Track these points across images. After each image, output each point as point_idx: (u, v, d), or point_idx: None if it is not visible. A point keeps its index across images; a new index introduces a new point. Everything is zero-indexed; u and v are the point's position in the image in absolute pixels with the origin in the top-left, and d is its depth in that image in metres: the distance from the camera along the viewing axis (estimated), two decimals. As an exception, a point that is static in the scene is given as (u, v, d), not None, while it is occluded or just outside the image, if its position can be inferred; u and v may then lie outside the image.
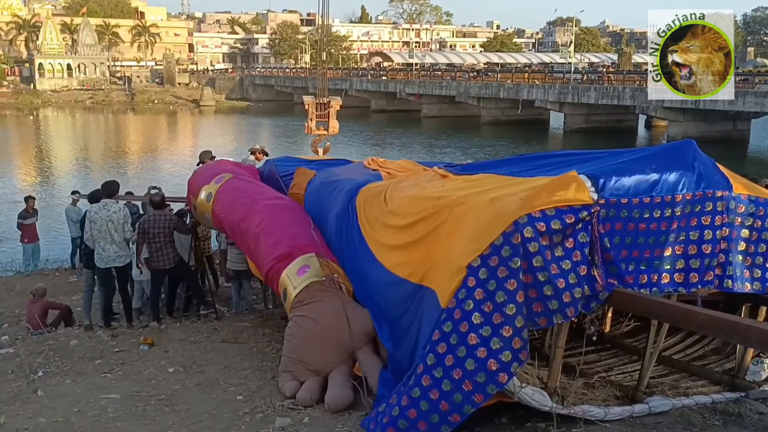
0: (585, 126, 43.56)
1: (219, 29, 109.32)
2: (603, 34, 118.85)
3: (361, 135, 44.37)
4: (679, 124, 37.23)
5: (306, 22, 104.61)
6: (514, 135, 43.20)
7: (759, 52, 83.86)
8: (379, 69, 73.87)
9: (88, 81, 73.23)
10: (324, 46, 13.06)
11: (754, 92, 33.52)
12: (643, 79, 42.36)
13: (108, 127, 54.78)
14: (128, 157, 36.19)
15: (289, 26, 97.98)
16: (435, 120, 54.09)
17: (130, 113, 63.44)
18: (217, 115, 63.45)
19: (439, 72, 63.16)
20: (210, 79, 78.71)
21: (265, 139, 41.77)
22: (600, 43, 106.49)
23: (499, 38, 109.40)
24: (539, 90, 45.85)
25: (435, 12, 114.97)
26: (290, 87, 72.11)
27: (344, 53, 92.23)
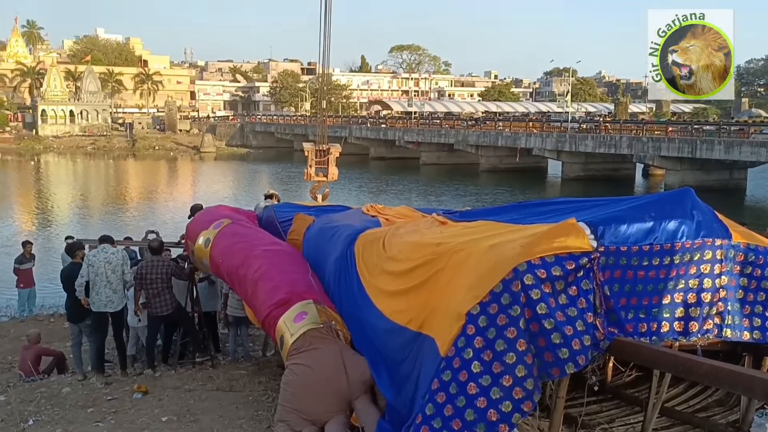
0: (583, 174, 43.89)
1: (221, 77, 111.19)
2: (599, 84, 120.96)
3: (360, 181, 44.63)
4: (677, 173, 37.55)
5: (307, 71, 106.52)
6: (512, 183, 43.47)
7: (753, 102, 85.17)
8: (378, 117, 74.89)
9: (90, 127, 74.12)
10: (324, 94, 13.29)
11: (750, 142, 33.91)
12: (639, 129, 43.00)
13: (108, 173, 55.12)
14: (127, 203, 36.31)
15: (290, 75, 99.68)
16: (434, 167, 54.52)
17: (130, 159, 63.96)
18: (217, 162, 63.95)
19: (438, 120, 64.00)
20: (211, 126, 79.64)
21: (265, 185, 41.97)
22: (596, 93, 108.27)
23: (497, 87, 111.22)
24: (537, 138, 46.37)
25: (434, 62, 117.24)
26: (290, 134, 72.89)
27: (344, 101, 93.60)
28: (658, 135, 39.88)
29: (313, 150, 10.08)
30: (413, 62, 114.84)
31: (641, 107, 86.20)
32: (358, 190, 40.41)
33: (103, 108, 77.38)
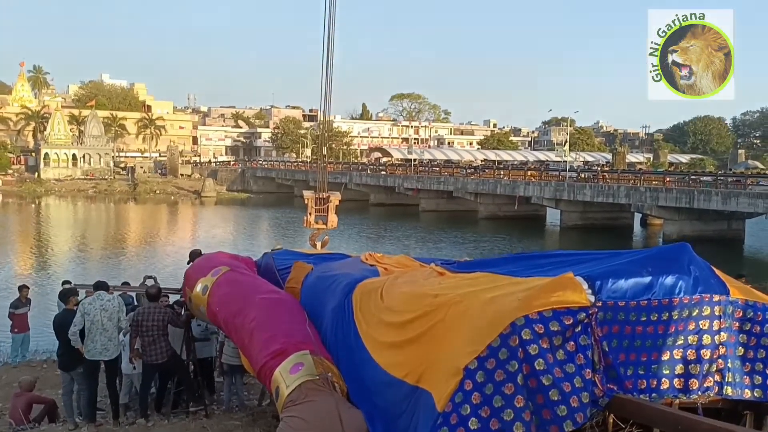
0: (581, 223, 43.98)
1: (223, 123, 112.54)
2: (597, 133, 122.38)
3: (359, 227, 44.70)
4: (675, 223, 37.65)
5: (308, 117, 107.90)
6: (510, 230, 43.53)
7: (750, 154, 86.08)
8: (378, 164, 75.50)
9: (92, 171, 74.64)
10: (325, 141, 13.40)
11: (747, 193, 34.10)
12: (637, 179, 43.30)
13: (108, 216, 55.25)
14: (126, 247, 36.27)
15: (292, 121, 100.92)
16: (433, 214, 54.68)
17: (131, 203, 64.18)
18: (218, 206, 64.17)
19: (437, 168, 64.48)
20: (212, 171, 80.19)
21: (264, 231, 42.05)
22: (594, 142, 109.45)
23: (496, 136, 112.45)
24: (535, 187, 46.65)
25: (433, 110, 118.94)
26: (291, 180, 73.32)
27: (345, 148, 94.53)
28: (655, 185, 40.14)
29: (313, 198, 10.14)
30: (413, 110, 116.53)
31: (639, 157, 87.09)
32: (358, 236, 40.44)
33: (106, 152, 78.09)
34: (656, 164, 73.52)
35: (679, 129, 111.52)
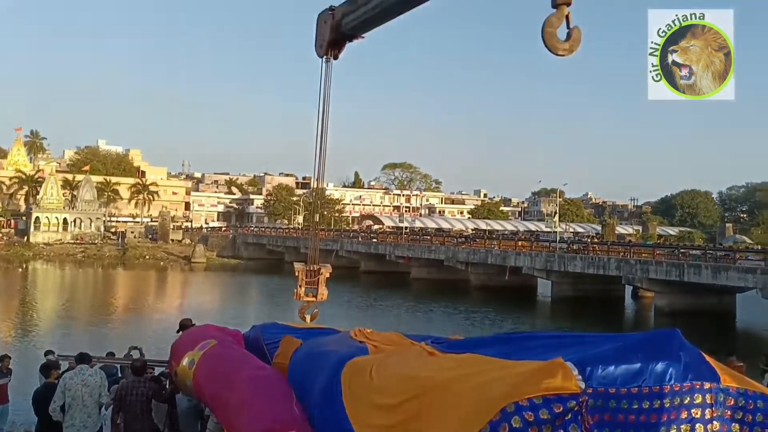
0: (572, 294, 43.89)
1: (216, 189, 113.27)
2: (586, 205, 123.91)
3: (350, 296, 44.36)
4: (666, 296, 37.66)
5: (301, 185, 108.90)
6: (502, 301, 43.33)
7: (737, 228, 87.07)
8: (369, 231, 75.75)
9: (83, 235, 74.42)
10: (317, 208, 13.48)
11: (737, 268, 34.30)
12: (627, 251, 43.57)
13: (95, 282, 54.67)
14: (112, 314, 35.70)
15: (285, 188, 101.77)
16: (424, 283, 54.49)
17: (119, 268, 63.67)
18: (207, 272, 63.74)
19: (428, 236, 64.73)
20: (203, 237, 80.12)
21: (254, 299, 41.64)
22: (584, 213, 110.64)
23: (487, 206, 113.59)
24: (526, 257, 46.77)
25: (425, 179, 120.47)
26: (281, 246, 73.29)
27: (337, 215, 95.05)
28: (645, 257, 40.35)
29: (304, 270, 10.11)
30: (405, 179, 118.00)
31: (628, 229, 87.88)
32: (348, 304, 40.08)
33: (97, 216, 78.11)
34: (645, 236, 74.12)
35: (666, 202, 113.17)
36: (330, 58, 7.11)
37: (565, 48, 3.54)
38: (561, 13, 3.52)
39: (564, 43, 3.53)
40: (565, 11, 3.52)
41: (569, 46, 3.56)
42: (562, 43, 3.53)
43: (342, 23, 6.21)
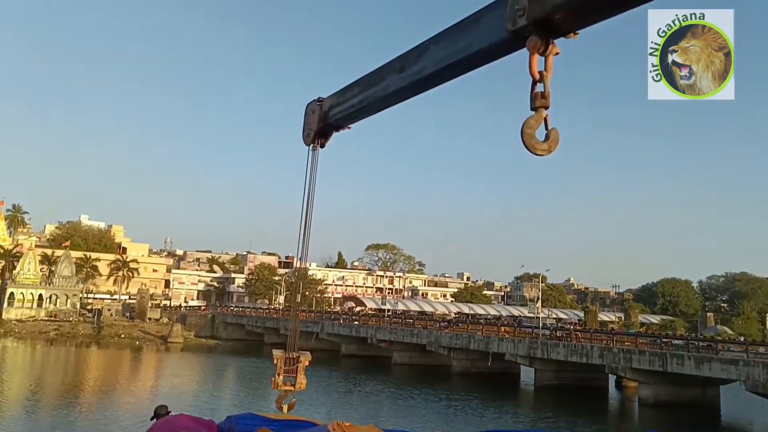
0: (556, 383, 43.17)
1: (198, 267, 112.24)
2: (568, 291, 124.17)
3: (329, 381, 43.24)
4: (650, 387, 37.19)
5: (284, 264, 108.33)
6: (484, 388, 42.47)
7: (718, 318, 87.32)
8: (351, 314, 74.86)
9: (57, 312, 72.69)
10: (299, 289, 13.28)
11: (719, 359, 34.07)
12: (610, 339, 43.28)
13: (67, 361, 52.90)
14: (81, 396, 34.28)
15: (267, 268, 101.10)
16: (405, 367, 53.43)
17: (93, 347, 61.86)
18: (184, 353, 62.07)
19: (411, 320, 64.04)
20: (182, 316, 78.62)
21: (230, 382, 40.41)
22: (566, 299, 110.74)
23: (470, 289, 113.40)
24: (509, 343, 46.24)
25: (408, 261, 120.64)
26: (261, 327, 72.02)
27: (319, 296, 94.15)
28: (628, 346, 40.06)
29: (283, 357, 9.84)
30: (388, 260, 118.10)
31: (610, 316, 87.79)
32: (327, 389, 39.00)
33: (74, 293, 76.61)
34: (628, 324, 73.94)
35: (647, 290, 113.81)
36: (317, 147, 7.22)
37: (544, 148, 3.62)
38: (539, 115, 3.62)
39: (542, 143, 3.62)
40: (544, 114, 3.62)
41: (548, 147, 3.64)
42: (540, 144, 3.61)
43: (329, 114, 6.33)
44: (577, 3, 3.32)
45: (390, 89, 4.88)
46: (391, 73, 4.85)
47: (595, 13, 3.45)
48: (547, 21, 3.42)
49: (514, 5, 3.48)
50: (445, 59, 4.23)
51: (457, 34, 4.10)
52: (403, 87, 4.75)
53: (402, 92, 4.86)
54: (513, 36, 3.57)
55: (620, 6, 3.40)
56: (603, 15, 3.45)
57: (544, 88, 3.52)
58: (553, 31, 3.47)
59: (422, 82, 4.59)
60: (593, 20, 3.47)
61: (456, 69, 4.29)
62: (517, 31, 3.52)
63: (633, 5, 3.36)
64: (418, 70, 4.51)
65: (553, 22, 3.41)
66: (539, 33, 3.47)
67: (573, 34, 3.52)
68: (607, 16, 3.45)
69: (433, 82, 4.61)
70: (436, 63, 4.32)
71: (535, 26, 3.45)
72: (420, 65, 4.49)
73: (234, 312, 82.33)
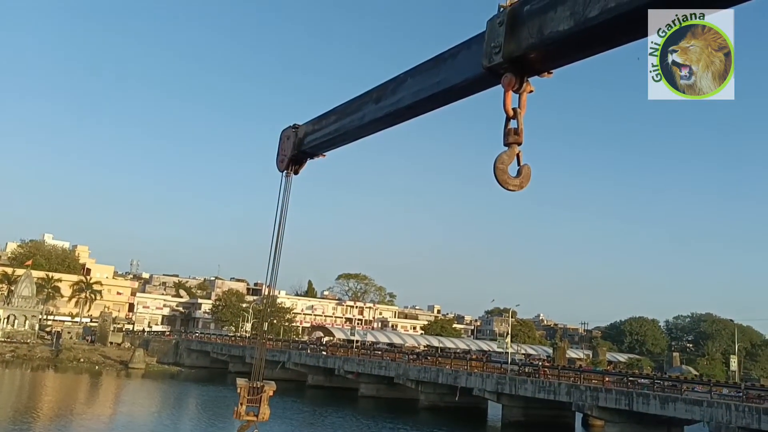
0: (523, 419, 43.00)
1: (164, 291, 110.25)
2: (538, 326, 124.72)
3: (293, 412, 42.44)
4: (616, 425, 37.29)
5: (252, 291, 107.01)
6: (451, 424, 42.13)
7: (684, 358, 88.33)
8: (320, 343, 73.99)
9: (15, 333, 70.47)
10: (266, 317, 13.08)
11: (684, 399, 34.32)
12: (577, 377, 43.37)
13: (22, 385, 51.14)
14: (32, 424, 32.93)
15: (235, 294, 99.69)
16: (372, 400, 52.75)
17: (50, 371, 59.98)
18: (145, 379, 60.50)
19: (380, 351, 63.48)
20: (144, 341, 76.86)
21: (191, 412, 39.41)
22: (535, 335, 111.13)
23: (440, 322, 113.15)
24: (477, 378, 46.01)
25: (379, 291, 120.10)
26: (226, 355, 70.72)
27: (287, 324, 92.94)
28: (595, 384, 40.19)
29: (246, 386, 9.62)
30: (359, 291, 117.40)
31: (579, 353, 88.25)
32: (291, 420, 38.27)
33: (33, 314, 74.46)
34: (595, 362, 74.35)
35: (616, 328, 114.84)
36: (290, 174, 7.18)
37: (516, 184, 3.64)
38: (512, 151, 3.65)
39: (515, 179, 3.63)
40: (516, 150, 3.65)
41: (519, 182, 3.66)
42: (512, 179, 3.62)
43: (304, 141, 6.31)
44: (551, 45, 3.38)
45: (366, 119, 4.89)
46: (368, 103, 4.87)
47: (567, 56, 3.52)
48: (522, 59, 3.47)
49: (491, 42, 3.52)
50: (421, 92, 4.26)
51: (434, 67, 4.14)
52: (380, 117, 4.77)
53: (378, 122, 4.87)
54: (488, 72, 3.61)
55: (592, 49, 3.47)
56: (575, 57, 3.53)
57: (518, 124, 3.56)
58: (527, 70, 3.53)
59: (399, 113, 4.61)
60: (566, 61, 3.54)
61: (432, 102, 4.32)
62: (493, 68, 3.56)
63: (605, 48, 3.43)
64: (394, 101, 4.53)
65: (528, 60, 3.47)
66: (514, 70, 3.52)
67: (547, 74, 3.58)
68: (580, 58, 3.52)
69: (409, 114, 4.63)
70: (412, 95, 4.34)
71: (510, 64, 3.50)
72: (397, 97, 4.51)
73: (199, 338, 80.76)
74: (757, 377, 70.11)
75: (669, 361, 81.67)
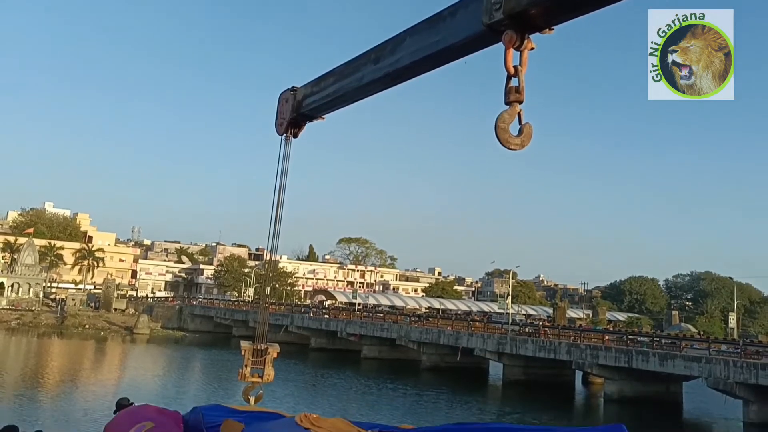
0: (523, 378, 43.63)
1: (166, 257, 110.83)
2: (538, 287, 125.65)
3: (297, 374, 43.10)
4: (615, 383, 37.86)
5: (254, 256, 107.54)
6: (453, 383, 42.75)
7: (683, 316, 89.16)
8: (322, 307, 74.72)
9: (19, 301, 71.11)
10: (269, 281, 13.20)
11: (683, 356, 34.83)
12: (577, 336, 43.91)
13: (29, 351, 51.82)
14: (42, 387, 33.57)
15: (236, 259, 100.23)
16: (375, 362, 53.49)
17: (56, 337, 60.71)
18: (150, 344, 61.29)
19: (381, 314, 64.14)
20: (148, 307, 77.60)
21: (197, 374, 40.00)
22: (536, 296, 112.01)
23: (441, 284, 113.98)
24: (478, 339, 46.61)
25: (380, 255, 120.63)
26: (230, 319, 71.45)
27: (289, 289, 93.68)
28: (595, 342, 40.71)
29: (250, 349, 9.75)
30: (360, 254, 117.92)
31: (579, 313, 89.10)
32: (296, 383, 38.88)
33: (37, 282, 75.04)
34: (595, 321, 75.16)
35: (615, 287, 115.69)
36: (290, 137, 7.14)
37: (517, 143, 3.63)
38: (513, 110, 3.63)
39: (516, 138, 3.63)
40: (517, 108, 3.63)
41: (521, 141, 3.65)
42: (514, 138, 3.62)
43: (303, 104, 6.28)
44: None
45: (365, 80, 4.85)
46: (366, 64, 4.82)
47: (569, 11, 3.47)
48: (523, 15, 3.43)
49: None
50: (420, 51, 4.22)
51: (433, 26, 4.09)
52: (378, 78, 4.73)
53: (377, 83, 4.84)
54: (489, 30, 3.57)
55: (593, 4, 3.42)
56: (577, 12, 3.47)
57: (519, 82, 3.53)
58: (528, 26, 3.48)
59: (397, 73, 4.57)
60: (568, 16, 3.49)
61: (431, 61, 4.28)
62: (493, 25, 3.52)
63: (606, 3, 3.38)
64: (393, 61, 4.49)
65: (529, 16, 3.42)
66: (515, 27, 3.48)
67: (548, 30, 3.53)
68: (582, 13, 3.47)
69: (408, 74, 4.59)
70: (411, 55, 4.30)
71: (510, 20, 3.45)
72: (395, 57, 4.47)
73: (202, 303, 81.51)
74: (755, 334, 70.92)
75: (668, 319, 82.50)
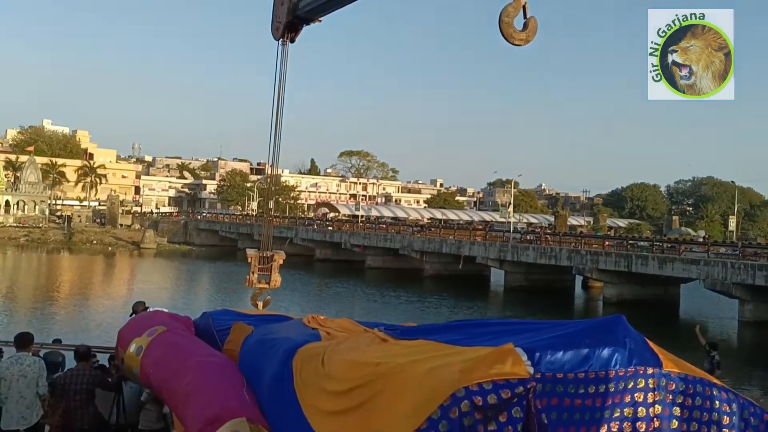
0: (525, 284, 44.66)
1: (168, 173, 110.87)
2: (540, 196, 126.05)
3: (303, 284, 44.16)
4: (614, 286, 38.73)
5: (256, 170, 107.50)
6: (455, 290, 43.80)
7: (683, 221, 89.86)
8: (325, 219, 75.45)
9: (26, 218, 71.83)
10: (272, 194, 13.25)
11: (681, 259, 35.46)
12: (578, 242, 44.54)
13: (40, 267, 52.94)
14: (57, 300, 34.59)
15: (239, 174, 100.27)
16: (379, 271, 54.62)
17: (65, 253, 61.80)
18: (157, 259, 62.43)
19: (384, 225, 64.84)
20: (153, 222, 78.37)
21: (205, 286, 40.96)
22: (537, 204, 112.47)
23: (443, 195, 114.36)
24: (480, 247, 47.33)
25: (382, 168, 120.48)
26: (235, 233, 72.35)
27: (292, 202, 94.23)
28: (596, 248, 41.34)
29: (257, 256, 9.96)
30: (362, 167, 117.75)
31: (579, 220, 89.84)
32: (302, 291, 39.91)
33: (42, 199, 75.51)
34: (596, 228, 75.90)
35: (617, 194, 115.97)
36: (286, 41, 6.98)
37: (522, 38, 3.54)
38: (518, 3, 3.53)
39: (520, 32, 3.54)
40: (522, 2, 3.52)
41: (525, 36, 3.56)
42: (518, 33, 3.53)
43: (299, 6, 6.10)
44: None
45: (362, -26, 4.69)
46: (363, -43, 4.65)
47: None
48: None
49: None
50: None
51: None
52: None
53: (375, -23, 4.67)
54: None
55: None
56: None
57: (522, -31, 3.42)
58: None
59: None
60: None
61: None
62: None
63: None
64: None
65: None
66: None
67: None
68: None
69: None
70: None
71: None
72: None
73: (207, 218, 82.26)
74: (754, 237, 71.80)
75: (668, 224, 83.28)
